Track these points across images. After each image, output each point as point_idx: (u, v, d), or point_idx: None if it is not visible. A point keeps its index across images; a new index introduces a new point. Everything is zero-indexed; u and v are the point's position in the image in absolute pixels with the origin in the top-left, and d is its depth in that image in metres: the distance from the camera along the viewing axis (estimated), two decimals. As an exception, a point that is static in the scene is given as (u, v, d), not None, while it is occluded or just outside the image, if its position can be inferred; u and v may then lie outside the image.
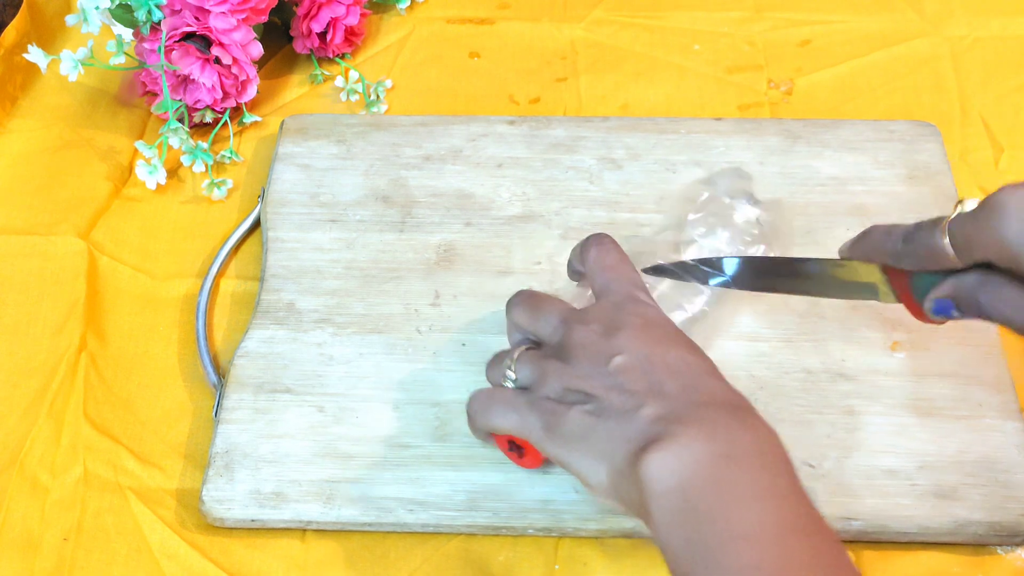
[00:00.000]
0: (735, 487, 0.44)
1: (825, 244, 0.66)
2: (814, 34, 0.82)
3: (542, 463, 0.56)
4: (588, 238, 0.57)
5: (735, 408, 0.48)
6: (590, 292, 0.57)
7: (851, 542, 0.56)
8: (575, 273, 0.59)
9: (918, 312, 0.53)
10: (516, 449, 0.55)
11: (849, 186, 0.69)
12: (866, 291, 0.55)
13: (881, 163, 0.70)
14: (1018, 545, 0.56)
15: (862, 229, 0.66)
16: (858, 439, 0.58)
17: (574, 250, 0.58)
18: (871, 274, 0.54)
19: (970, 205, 0.49)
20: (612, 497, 0.48)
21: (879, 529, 0.55)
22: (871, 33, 0.82)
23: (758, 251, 0.62)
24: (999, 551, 0.56)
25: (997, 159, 0.73)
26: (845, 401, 0.60)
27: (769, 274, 0.60)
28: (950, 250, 0.49)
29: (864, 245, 0.54)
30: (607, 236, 0.57)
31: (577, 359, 0.50)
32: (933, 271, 0.51)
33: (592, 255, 0.56)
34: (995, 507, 0.55)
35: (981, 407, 0.59)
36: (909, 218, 0.66)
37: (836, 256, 0.57)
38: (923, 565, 0.56)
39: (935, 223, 0.50)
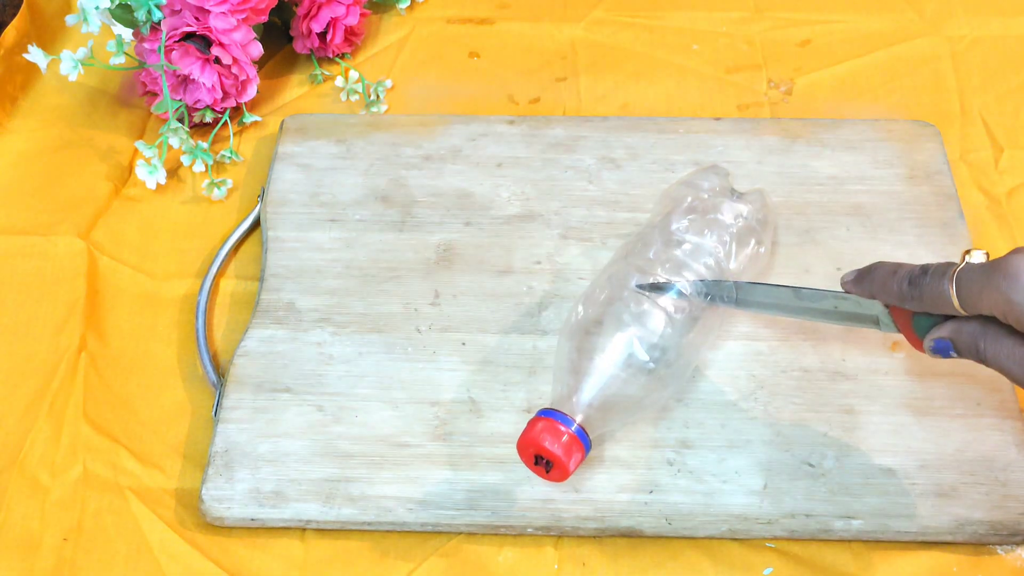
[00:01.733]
0: None
1: (824, 244, 0.66)
2: (814, 34, 0.82)
3: (569, 476, 0.54)
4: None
5: None
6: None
7: (851, 541, 0.56)
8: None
9: (918, 344, 0.53)
10: (543, 463, 0.54)
11: (848, 186, 0.69)
12: (868, 322, 0.55)
13: (880, 163, 0.70)
14: (1018, 544, 0.56)
15: (861, 231, 0.67)
16: (857, 438, 0.58)
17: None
18: (873, 307, 0.54)
19: (978, 257, 0.49)
20: None
21: (879, 528, 0.55)
22: (871, 33, 0.82)
23: (749, 246, 0.62)
24: (999, 550, 0.56)
25: (997, 159, 0.73)
26: (844, 400, 0.60)
27: (771, 299, 0.59)
28: (956, 300, 0.49)
29: (868, 282, 0.53)
30: None
31: None
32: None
33: None
34: (995, 506, 0.56)
35: (980, 406, 0.59)
36: (908, 218, 0.67)
37: (839, 268, 0.56)
38: (923, 565, 0.56)
39: (943, 271, 0.49)
